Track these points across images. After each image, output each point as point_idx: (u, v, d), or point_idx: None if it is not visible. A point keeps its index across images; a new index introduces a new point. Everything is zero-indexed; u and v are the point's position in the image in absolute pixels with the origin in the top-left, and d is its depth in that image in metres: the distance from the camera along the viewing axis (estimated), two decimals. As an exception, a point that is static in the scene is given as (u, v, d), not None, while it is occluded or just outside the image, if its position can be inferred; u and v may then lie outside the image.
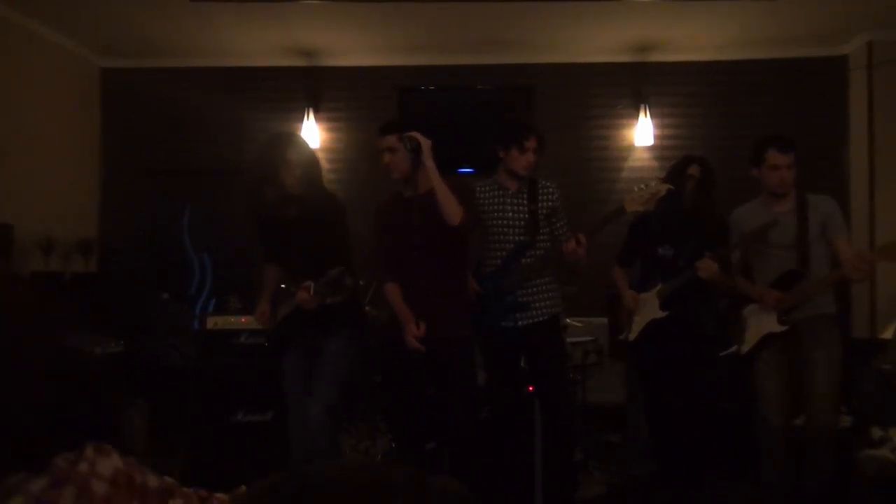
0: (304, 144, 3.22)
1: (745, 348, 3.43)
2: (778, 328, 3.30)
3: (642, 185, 3.29)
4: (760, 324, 3.37)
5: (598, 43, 5.57)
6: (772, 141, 3.40)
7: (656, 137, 5.74)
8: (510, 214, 3.48)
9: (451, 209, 3.08)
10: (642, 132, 5.72)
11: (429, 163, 3.10)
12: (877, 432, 3.76)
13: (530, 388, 3.71)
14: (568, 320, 4.33)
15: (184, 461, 3.94)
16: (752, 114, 5.74)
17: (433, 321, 3.13)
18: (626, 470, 4.28)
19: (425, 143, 3.11)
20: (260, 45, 5.60)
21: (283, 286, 3.24)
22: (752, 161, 3.46)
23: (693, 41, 5.50)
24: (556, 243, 3.48)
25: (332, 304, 2.95)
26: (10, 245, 4.60)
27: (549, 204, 3.51)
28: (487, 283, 3.49)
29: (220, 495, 0.70)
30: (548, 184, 3.55)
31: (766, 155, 3.38)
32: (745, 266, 3.51)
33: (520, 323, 3.44)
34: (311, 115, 5.84)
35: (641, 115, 5.72)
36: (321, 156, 5.88)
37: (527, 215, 3.47)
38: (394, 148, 3.18)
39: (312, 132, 5.83)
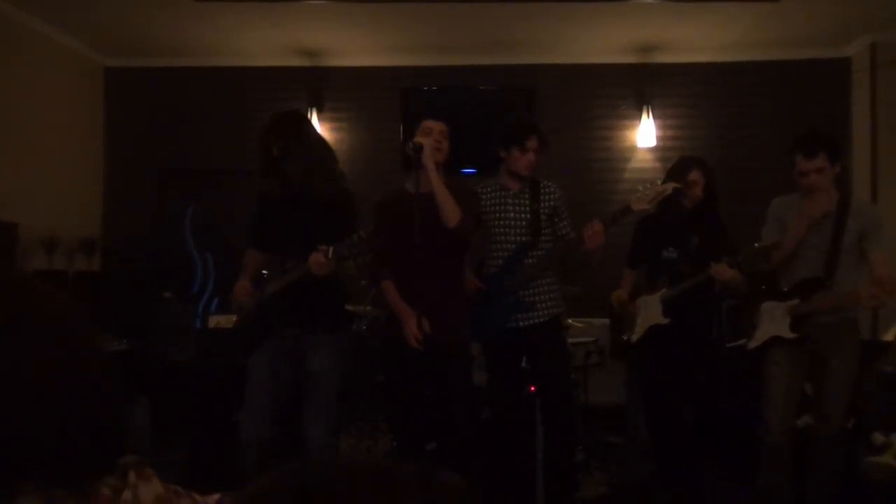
0: (311, 127, 3.20)
1: (752, 345, 3.35)
2: (788, 334, 3.21)
3: (648, 184, 3.28)
4: (772, 325, 3.29)
5: (601, 44, 5.57)
6: (798, 145, 3.18)
7: (659, 138, 5.74)
8: (511, 215, 3.49)
9: (449, 211, 3.09)
10: (645, 133, 5.72)
11: (428, 164, 3.10)
12: (879, 438, 3.75)
13: (532, 388, 3.72)
14: (570, 321, 4.33)
15: (185, 460, 3.95)
16: (755, 115, 5.74)
17: (432, 322, 3.13)
18: (627, 470, 4.29)
19: (427, 145, 3.11)
20: (263, 45, 5.61)
21: (264, 272, 3.18)
22: (790, 165, 3.25)
23: (696, 42, 5.50)
24: (559, 243, 3.49)
25: (321, 296, 2.92)
26: (14, 243, 4.62)
27: (551, 204, 3.51)
28: (490, 283, 3.49)
29: None
30: (549, 184, 3.55)
31: (794, 160, 3.19)
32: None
33: (521, 323, 3.44)
34: (314, 116, 5.84)
35: (644, 115, 5.72)
36: (324, 156, 5.92)
37: (528, 216, 3.48)
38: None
39: (315, 132, 5.84)
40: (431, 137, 3.19)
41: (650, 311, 3.67)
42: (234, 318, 4.02)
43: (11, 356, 0.76)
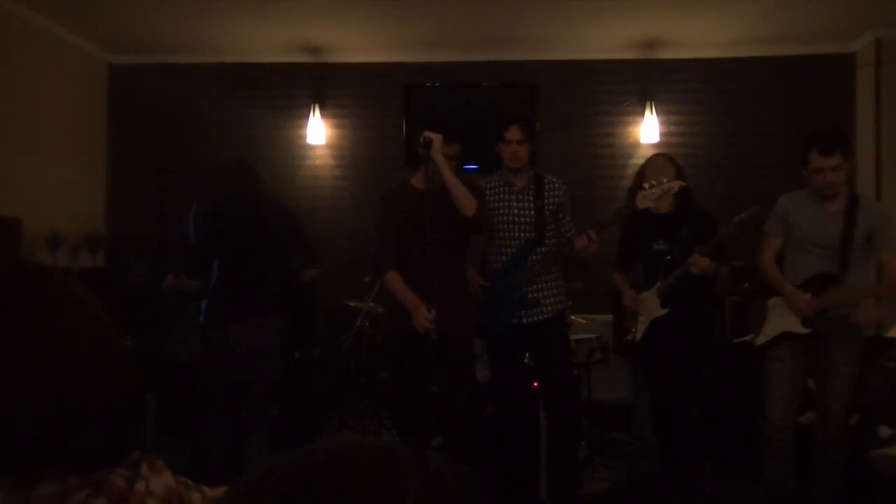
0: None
1: (761, 340, 3.33)
2: (800, 329, 3.20)
3: (653, 182, 3.28)
4: (783, 320, 3.26)
5: (604, 40, 5.55)
6: (814, 142, 3.15)
7: (662, 134, 5.73)
8: (515, 211, 3.48)
9: (466, 201, 3.09)
10: (648, 129, 5.70)
11: (438, 158, 3.09)
12: (885, 431, 3.75)
13: (535, 385, 3.72)
14: (573, 317, 4.33)
15: (189, 456, 3.96)
16: (759, 111, 5.72)
17: (439, 318, 3.12)
18: (630, 467, 4.29)
19: (436, 139, 3.10)
20: (267, 41, 5.61)
21: None
22: (801, 161, 3.23)
23: (699, 38, 5.48)
24: (563, 240, 3.48)
25: None
26: (18, 239, 4.63)
27: (556, 200, 3.49)
28: (495, 280, 3.48)
29: None
30: (554, 179, 3.54)
31: (808, 157, 3.15)
32: (778, 257, 3.41)
33: (525, 320, 3.43)
34: (317, 112, 5.85)
35: (647, 112, 5.70)
36: (327, 152, 5.93)
37: (533, 212, 3.47)
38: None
39: (318, 129, 5.84)
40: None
41: (649, 307, 3.66)
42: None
43: (30, 346, 0.76)
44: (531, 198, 3.48)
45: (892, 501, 3.45)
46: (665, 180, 3.28)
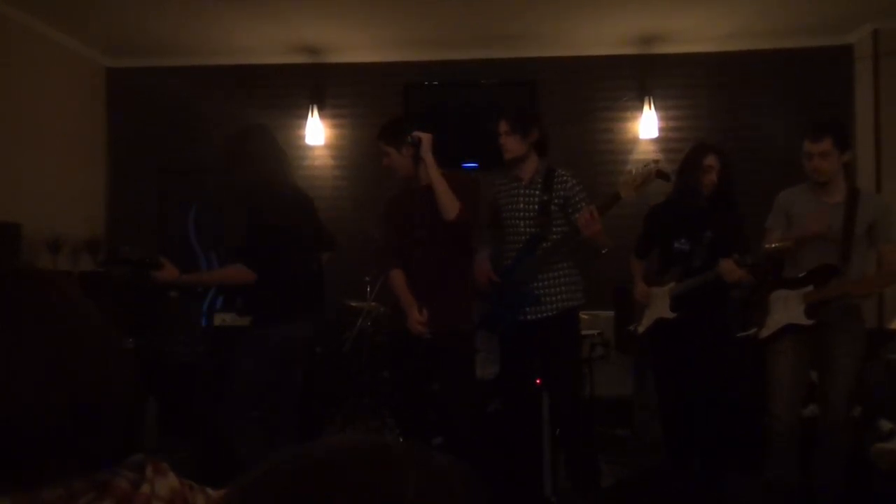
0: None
1: (765, 334, 3.31)
2: (804, 321, 3.18)
3: (631, 168, 3.27)
4: (786, 312, 3.25)
5: (602, 35, 5.55)
6: (807, 129, 3.24)
7: (661, 130, 5.72)
8: (521, 206, 3.48)
9: (448, 204, 3.09)
10: (647, 125, 5.70)
11: (427, 157, 3.12)
12: (885, 425, 3.75)
13: (538, 382, 3.71)
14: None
15: (191, 457, 3.97)
16: (758, 105, 5.71)
17: (437, 317, 3.13)
18: (632, 463, 4.29)
19: (425, 138, 3.13)
20: (265, 42, 5.60)
21: None
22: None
23: (697, 32, 5.47)
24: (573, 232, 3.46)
25: None
26: (19, 243, 4.64)
27: (562, 193, 3.47)
28: (503, 276, 3.48)
29: None
30: (563, 173, 3.52)
31: (803, 144, 3.22)
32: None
33: (530, 317, 3.42)
34: (316, 112, 5.84)
35: (646, 107, 5.70)
36: (326, 153, 5.93)
37: (537, 206, 3.46)
38: (386, 152, 3.26)
39: (317, 129, 5.84)
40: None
41: (658, 304, 3.62)
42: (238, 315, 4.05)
43: (30, 349, 0.77)
44: (537, 192, 3.47)
45: (892, 496, 3.45)
46: (644, 166, 3.27)
